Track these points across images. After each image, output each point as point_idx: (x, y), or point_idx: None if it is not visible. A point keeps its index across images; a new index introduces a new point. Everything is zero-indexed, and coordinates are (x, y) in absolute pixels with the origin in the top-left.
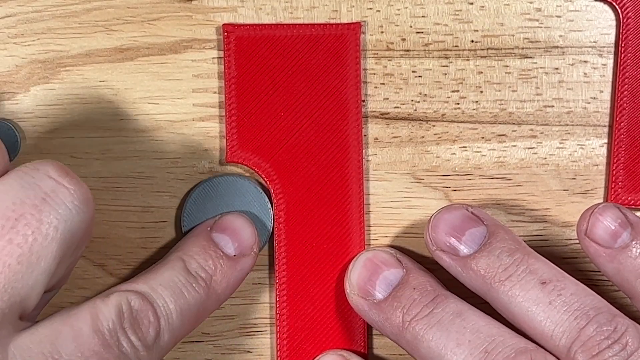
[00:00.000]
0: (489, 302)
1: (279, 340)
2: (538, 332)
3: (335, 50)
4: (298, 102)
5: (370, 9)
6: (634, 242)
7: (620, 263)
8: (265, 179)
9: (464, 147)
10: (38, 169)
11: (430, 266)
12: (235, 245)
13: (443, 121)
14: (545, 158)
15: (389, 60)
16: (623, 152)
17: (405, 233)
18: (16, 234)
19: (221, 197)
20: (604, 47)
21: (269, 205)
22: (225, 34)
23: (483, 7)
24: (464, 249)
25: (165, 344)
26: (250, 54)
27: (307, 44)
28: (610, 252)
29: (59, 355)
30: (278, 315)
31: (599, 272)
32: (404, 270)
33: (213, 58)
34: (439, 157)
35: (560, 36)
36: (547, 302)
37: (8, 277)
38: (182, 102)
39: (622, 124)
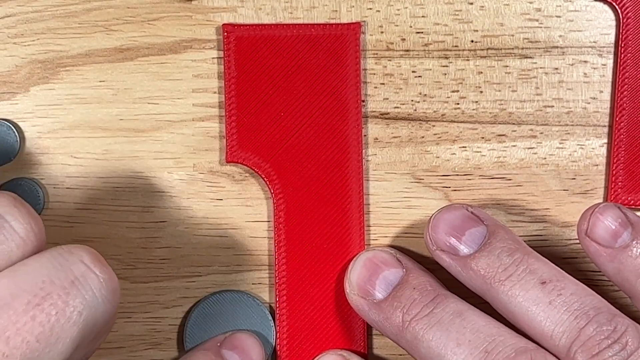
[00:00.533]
0: (489, 302)
1: (278, 340)
2: (538, 332)
3: (335, 51)
4: (298, 102)
5: (370, 9)
6: (634, 242)
7: (620, 263)
8: (265, 178)
9: (463, 147)
10: (72, 252)
11: (430, 266)
12: None
13: (443, 121)
14: (545, 158)
15: (388, 60)
16: (623, 152)
17: (405, 233)
18: (40, 312)
19: (223, 314)
20: (604, 47)
21: (271, 319)
22: (225, 33)
23: (483, 7)
24: (463, 249)
25: None
26: (250, 54)
27: (307, 44)
28: (611, 252)
29: None
30: (278, 315)
31: (599, 272)
32: (404, 270)
33: (213, 58)
34: (438, 157)
35: (560, 36)
36: (547, 302)
37: (24, 353)
38: (182, 102)
39: (622, 124)
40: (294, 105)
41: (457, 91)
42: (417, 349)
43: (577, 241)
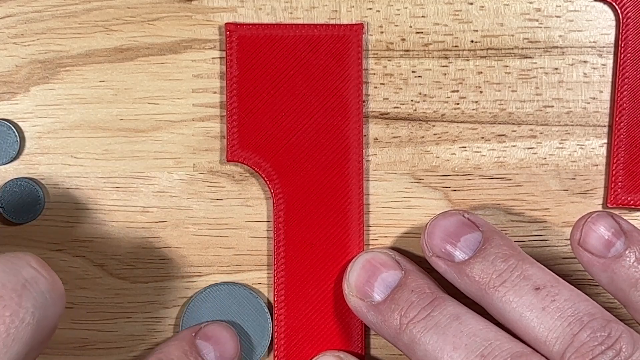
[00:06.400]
0: (484, 308)
1: (276, 340)
2: (532, 337)
3: (337, 51)
4: (299, 102)
5: (370, 9)
6: (627, 251)
7: (613, 272)
8: (265, 178)
9: (463, 147)
10: (20, 257)
11: (429, 267)
12: (217, 355)
13: (443, 121)
14: (545, 158)
15: (388, 60)
16: (623, 152)
17: (405, 233)
18: None
19: (219, 305)
20: (604, 47)
21: (268, 312)
22: (228, 33)
23: (483, 7)
24: (459, 255)
25: None
26: (252, 54)
27: (310, 44)
28: (604, 262)
29: None
30: (276, 315)
31: None
32: (403, 272)
33: (213, 58)
34: (438, 157)
35: (560, 36)
36: (540, 308)
37: None
38: (182, 102)
39: (621, 124)
40: (295, 105)
41: (457, 91)
42: (414, 351)
43: None
